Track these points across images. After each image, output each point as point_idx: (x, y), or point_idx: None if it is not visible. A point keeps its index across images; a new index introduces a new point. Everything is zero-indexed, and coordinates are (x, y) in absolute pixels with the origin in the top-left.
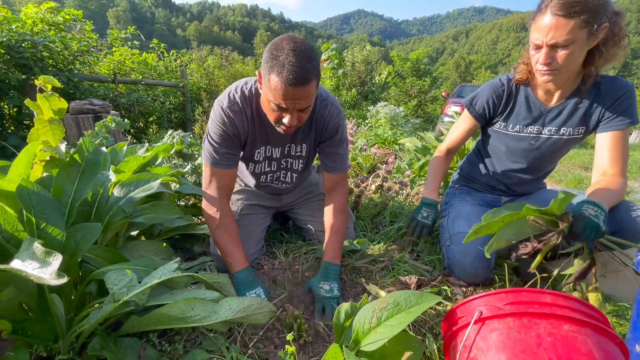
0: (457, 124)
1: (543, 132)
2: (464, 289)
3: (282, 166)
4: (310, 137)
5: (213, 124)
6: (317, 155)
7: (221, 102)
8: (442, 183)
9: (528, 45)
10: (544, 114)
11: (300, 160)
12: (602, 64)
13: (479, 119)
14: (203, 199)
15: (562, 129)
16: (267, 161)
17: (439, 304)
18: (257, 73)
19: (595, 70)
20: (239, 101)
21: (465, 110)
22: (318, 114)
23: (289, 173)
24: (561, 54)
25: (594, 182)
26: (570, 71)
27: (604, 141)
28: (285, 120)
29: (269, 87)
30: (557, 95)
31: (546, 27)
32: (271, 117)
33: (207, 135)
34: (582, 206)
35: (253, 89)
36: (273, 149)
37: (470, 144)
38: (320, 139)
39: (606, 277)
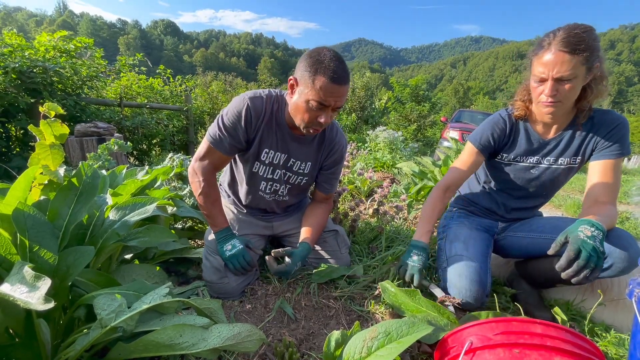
0: (461, 159)
1: (542, 162)
2: (461, 315)
3: (283, 178)
4: (316, 157)
5: (230, 109)
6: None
7: (246, 94)
8: (435, 224)
9: (524, 82)
10: (543, 145)
11: (300, 177)
12: (592, 99)
13: (484, 152)
14: (190, 165)
15: (560, 159)
16: (271, 167)
17: None
18: (289, 80)
19: (587, 104)
20: (263, 96)
21: (471, 145)
22: (328, 138)
23: (287, 187)
24: (565, 87)
25: (586, 208)
26: (569, 104)
27: (596, 169)
28: (322, 118)
29: (314, 87)
30: (554, 128)
31: (552, 62)
32: (307, 117)
33: (220, 117)
34: (578, 227)
35: (279, 94)
36: (281, 155)
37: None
38: (324, 162)
39: (606, 306)
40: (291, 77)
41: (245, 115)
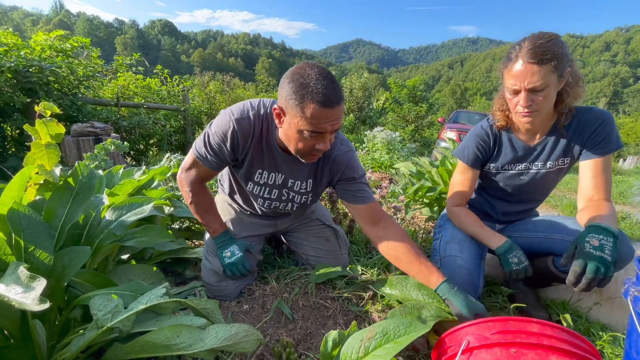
0: (458, 178)
1: (531, 168)
2: None
3: (282, 197)
4: (315, 174)
5: (216, 128)
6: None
7: (232, 111)
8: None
9: (500, 92)
10: (529, 152)
11: (304, 196)
12: (570, 102)
13: (475, 165)
14: (178, 174)
15: (548, 162)
16: (267, 187)
17: None
18: (274, 110)
19: (566, 107)
20: (251, 117)
21: (460, 162)
22: (325, 156)
23: (289, 204)
24: (539, 96)
25: (583, 207)
26: (547, 111)
27: (587, 168)
28: (321, 145)
29: (304, 116)
30: (537, 134)
31: (522, 74)
32: (303, 147)
33: (207, 133)
34: (585, 237)
35: (268, 111)
36: (277, 175)
37: None
38: (333, 178)
39: (602, 305)
40: (275, 106)
41: (231, 137)
